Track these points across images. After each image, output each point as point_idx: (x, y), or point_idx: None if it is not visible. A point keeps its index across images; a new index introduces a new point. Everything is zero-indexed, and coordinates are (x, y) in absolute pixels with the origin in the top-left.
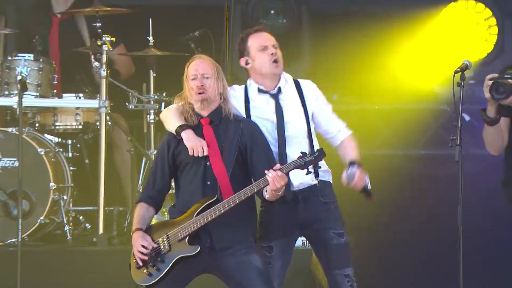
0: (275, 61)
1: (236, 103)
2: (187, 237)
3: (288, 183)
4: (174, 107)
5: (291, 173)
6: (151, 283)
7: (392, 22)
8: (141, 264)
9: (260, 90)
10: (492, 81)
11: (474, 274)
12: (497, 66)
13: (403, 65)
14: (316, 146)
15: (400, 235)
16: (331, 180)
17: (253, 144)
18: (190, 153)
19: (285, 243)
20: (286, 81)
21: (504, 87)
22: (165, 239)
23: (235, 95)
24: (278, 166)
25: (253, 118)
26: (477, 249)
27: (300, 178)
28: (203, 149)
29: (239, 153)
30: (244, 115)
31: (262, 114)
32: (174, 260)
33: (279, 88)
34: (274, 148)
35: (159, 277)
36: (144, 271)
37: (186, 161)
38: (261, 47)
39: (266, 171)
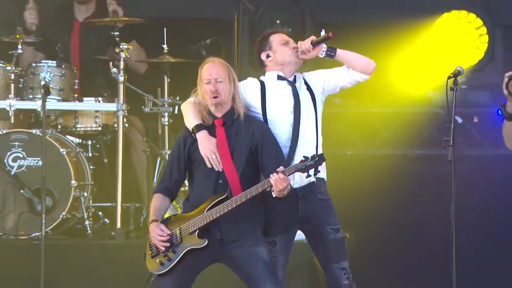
0: (297, 52)
1: (250, 93)
2: (197, 231)
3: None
4: (192, 101)
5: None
6: (162, 272)
7: (389, 31)
8: (156, 252)
9: (279, 77)
10: (508, 78)
11: (467, 268)
12: (487, 72)
13: (400, 71)
14: (320, 141)
15: (396, 230)
16: (325, 177)
17: (263, 144)
18: (206, 160)
19: (287, 237)
20: (299, 77)
21: None
22: (177, 232)
23: (251, 87)
24: (281, 168)
25: (269, 102)
26: (470, 243)
27: (301, 176)
28: (216, 163)
29: (249, 153)
30: (259, 103)
31: (280, 98)
32: (184, 251)
33: (295, 76)
34: (288, 129)
35: (170, 266)
36: (157, 261)
37: (200, 159)
38: (283, 41)
39: (271, 175)
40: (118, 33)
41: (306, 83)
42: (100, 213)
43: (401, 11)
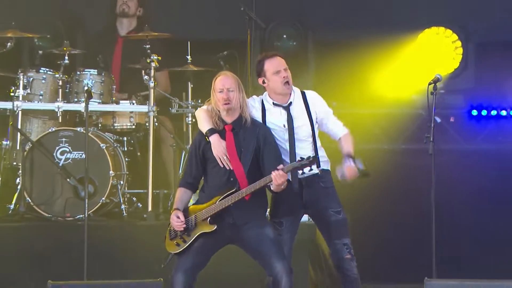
0: (287, 83)
1: (255, 112)
2: (209, 218)
3: (296, 173)
4: (205, 108)
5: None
6: (178, 251)
7: (379, 44)
8: (174, 235)
9: (275, 104)
10: None
11: (445, 242)
12: (462, 79)
13: (389, 78)
14: (319, 145)
15: (385, 212)
16: (329, 168)
17: (265, 146)
18: (218, 160)
19: (292, 219)
20: (295, 95)
21: None
22: (192, 219)
23: (254, 104)
24: (281, 166)
25: (268, 123)
26: (447, 222)
27: (306, 168)
28: (226, 162)
29: (254, 154)
30: (261, 120)
31: (276, 121)
32: (197, 235)
33: (290, 102)
34: (286, 147)
35: (184, 247)
36: (174, 242)
37: (212, 157)
38: (275, 71)
39: (272, 172)
40: (149, 45)
41: (305, 101)
42: (134, 198)
43: (389, 27)
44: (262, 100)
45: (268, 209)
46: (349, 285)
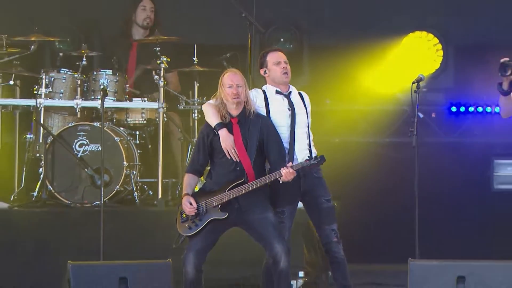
0: (285, 73)
1: (259, 101)
2: (220, 205)
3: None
4: (212, 103)
5: (298, 148)
6: (190, 234)
7: (368, 47)
8: (186, 218)
9: (277, 92)
10: (500, 64)
11: (427, 226)
12: (442, 79)
13: (376, 78)
14: (311, 137)
15: (371, 199)
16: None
17: (268, 136)
18: (226, 153)
19: (292, 207)
20: (293, 90)
21: (509, 66)
22: (203, 204)
23: (257, 95)
24: (290, 164)
25: (271, 111)
26: (429, 207)
27: (302, 156)
28: (234, 155)
29: (258, 145)
30: (264, 108)
31: (280, 107)
32: (208, 220)
33: (290, 91)
34: (287, 130)
35: (197, 230)
36: (186, 225)
37: (220, 148)
38: (276, 62)
39: (282, 168)
40: (159, 48)
41: (301, 96)
42: (145, 186)
43: (377, 32)
44: (264, 91)
45: None
46: (336, 265)
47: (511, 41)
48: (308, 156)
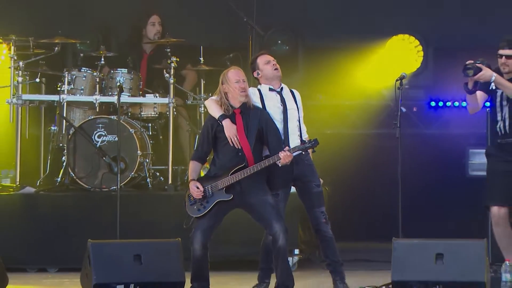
0: (276, 69)
1: (255, 98)
2: (224, 188)
3: None
4: (214, 98)
5: (291, 138)
6: (199, 215)
7: (357, 49)
8: (193, 201)
9: (270, 89)
10: (464, 66)
11: (409, 208)
12: (422, 77)
13: (365, 76)
14: (304, 129)
15: (358, 185)
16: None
17: (267, 127)
18: (229, 141)
19: (285, 190)
20: (284, 87)
21: (472, 68)
22: (209, 188)
23: (254, 93)
24: (287, 148)
25: (267, 106)
26: (411, 191)
27: (293, 145)
28: (236, 142)
29: (258, 133)
30: (260, 104)
31: (273, 103)
32: (215, 202)
33: (282, 88)
34: (281, 124)
35: (205, 212)
36: (194, 207)
37: (224, 137)
38: (266, 62)
39: (280, 152)
40: (169, 49)
41: (292, 93)
42: (157, 173)
43: (364, 35)
44: (259, 90)
45: None
46: (325, 243)
47: (484, 44)
48: (303, 140)
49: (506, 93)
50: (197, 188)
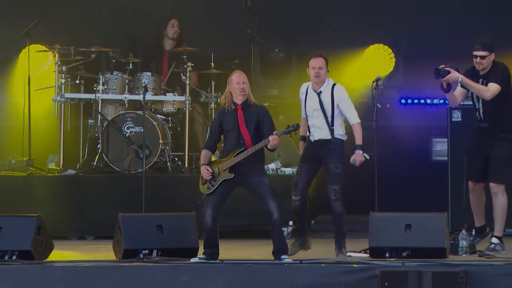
0: (316, 77)
1: (301, 95)
2: (228, 168)
3: (309, 140)
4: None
5: (318, 130)
6: (209, 192)
7: (340, 55)
8: (205, 181)
9: (313, 89)
10: (435, 70)
11: (384, 186)
12: (395, 79)
13: (346, 78)
14: (339, 123)
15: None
16: (343, 138)
17: (263, 119)
18: None
19: (308, 165)
20: (327, 84)
21: (440, 72)
22: (216, 169)
23: (302, 90)
24: (275, 132)
25: (307, 103)
26: (385, 172)
27: (320, 135)
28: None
29: (256, 125)
30: (304, 100)
31: (311, 102)
32: (221, 180)
33: (321, 90)
34: (319, 119)
35: (213, 189)
36: (206, 186)
37: (227, 128)
38: (311, 67)
39: (269, 136)
40: (185, 56)
41: (332, 91)
42: (175, 158)
43: (347, 44)
44: (307, 86)
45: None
46: (334, 216)
47: (446, 51)
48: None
49: (472, 91)
50: (207, 170)
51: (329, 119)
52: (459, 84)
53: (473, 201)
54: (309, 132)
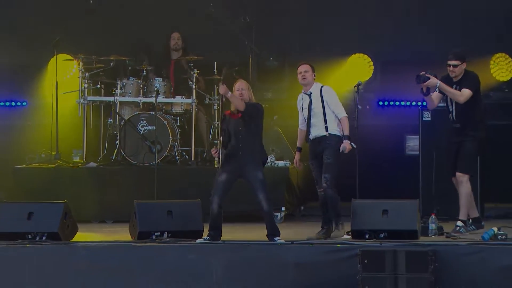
0: (303, 79)
1: (299, 99)
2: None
3: (308, 138)
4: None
5: (315, 128)
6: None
7: (327, 63)
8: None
9: (304, 93)
10: (416, 75)
11: (364, 176)
12: (373, 83)
13: (332, 83)
14: (331, 119)
15: None
16: (338, 133)
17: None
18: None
19: (315, 161)
20: (316, 87)
21: (421, 77)
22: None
23: (298, 99)
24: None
25: (303, 106)
26: (365, 164)
27: (317, 132)
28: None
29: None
30: (301, 103)
31: (304, 103)
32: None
33: (311, 92)
34: (306, 118)
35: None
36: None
37: (227, 130)
38: (298, 73)
39: None
40: (192, 64)
41: (320, 91)
42: (183, 153)
43: (333, 54)
44: (301, 94)
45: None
46: (328, 200)
47: (418, 60)
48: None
49: (448, 95)
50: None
51: (322, 117)
52: (437, 89)
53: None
54: (309, 133)
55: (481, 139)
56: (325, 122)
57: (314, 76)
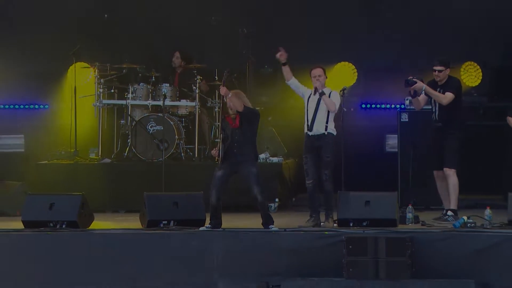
0: (316, 82)
1: (306, 90)
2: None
3: (307, 135)
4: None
5: (317, 123)
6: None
7: None
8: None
9: (314, 91)
10: (404, 80)
11: (350, 171)
12: (357, 88)
13: None
14: (331, 119)
15: None
16: (334, 133)
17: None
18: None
19: (311, 155)
20: (327, 90)
21: (409, 81)
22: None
23: (308, 91)
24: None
25: (308, 103)
26: (351, 160)
27: (317, 128)
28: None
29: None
30: (306, 101)
31: (312, 101)
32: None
33: (323, 91)
34: (319, 115)
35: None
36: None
37: (224, 132)
38: (313, 76)
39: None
40: (196, 71)
41: (329, 94)
42: (188, 150)
43: (321, 62)
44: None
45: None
46: (325, 193)
47: (398, 67)
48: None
49: (432, 97)
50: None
51: (325, 116)
52: (423, 92)
53: (440, 186)
54: (307, 127)
55: (461, 137)
56: (327, 122)
57: (326, 78)
